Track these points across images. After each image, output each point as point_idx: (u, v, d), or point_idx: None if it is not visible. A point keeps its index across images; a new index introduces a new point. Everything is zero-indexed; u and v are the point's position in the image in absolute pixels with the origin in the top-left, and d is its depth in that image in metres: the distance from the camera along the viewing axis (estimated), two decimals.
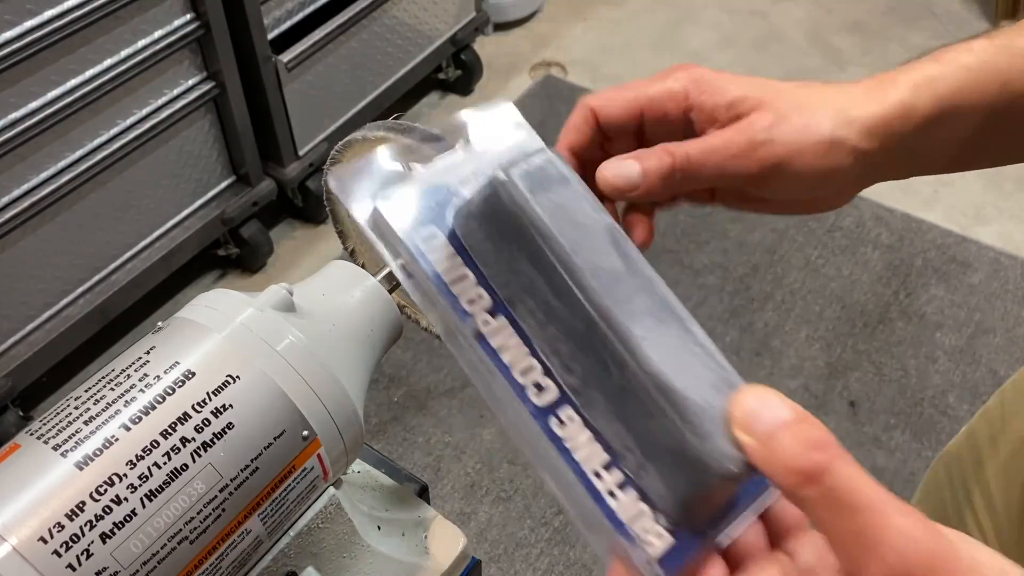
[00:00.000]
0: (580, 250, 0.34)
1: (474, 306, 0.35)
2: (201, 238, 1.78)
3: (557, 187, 0.36)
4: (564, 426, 0.34)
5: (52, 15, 1.37)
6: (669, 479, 0.33)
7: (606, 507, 0.33)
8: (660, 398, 0.33)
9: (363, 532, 0.54)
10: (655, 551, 0.32)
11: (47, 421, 0.42)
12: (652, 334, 0.34)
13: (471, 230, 0.36)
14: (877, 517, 0.27)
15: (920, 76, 0.46)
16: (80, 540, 0.39)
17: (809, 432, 0.29)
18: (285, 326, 0.47)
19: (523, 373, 0.35)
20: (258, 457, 0.44)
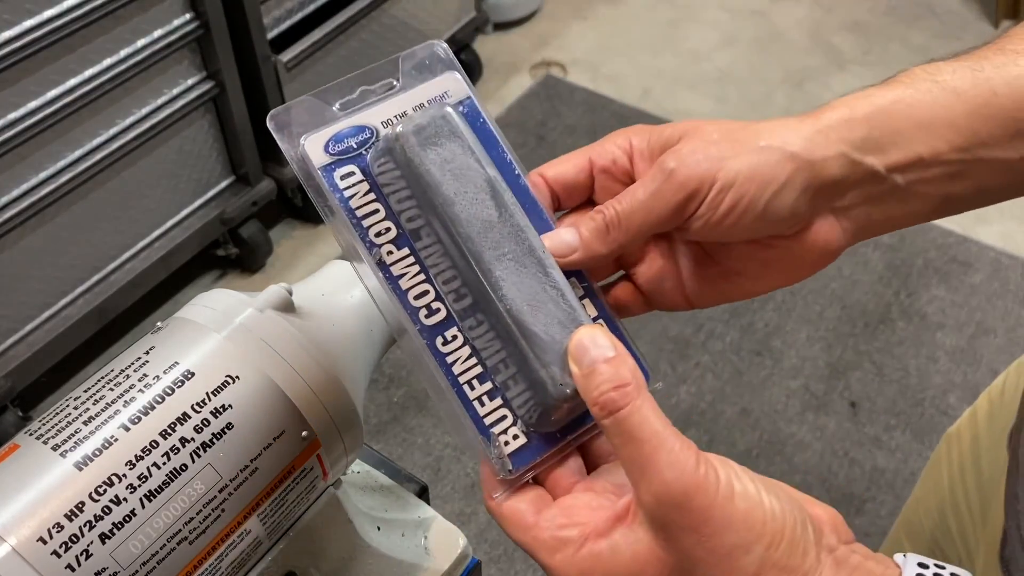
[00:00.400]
0: (459, 200, 0.41)
1: (380, 238, 0.41)
2: (201, 238, 1.78)
3: (447, 141, 0.42)
4: (447, 343, 0.41)
5: (51, 15, 1.37)
6: (525, 394, 0.40)
7: (473, 412, 0.41)
8: (515, 329, 0.40)
9: (363, 532, 0.54)
10: (507, 449, 0.40)
11: (46, 421, 0.42)
12: (512, 276, 0.40)
13: (382, 170, 0.42)
14: (649, 449, 0.34)
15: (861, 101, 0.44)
16: (79, 540, 0.39)
17: (618, 372, 0.36)
18: (285, 326, 0.47)
19: (416, 298, 0.41)
20: (258, 457, 0.44)
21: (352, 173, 0.42)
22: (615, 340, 0.37)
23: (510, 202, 0.42)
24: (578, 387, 0.37)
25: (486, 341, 0.41)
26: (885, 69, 2.50)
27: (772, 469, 1.64)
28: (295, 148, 0.42)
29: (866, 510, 1.59)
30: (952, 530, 0.75)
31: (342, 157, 0.42)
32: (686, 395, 1.75)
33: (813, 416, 1.72)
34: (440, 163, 0.41)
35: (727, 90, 2.43)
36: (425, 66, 0.45)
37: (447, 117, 0.42)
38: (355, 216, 0.41)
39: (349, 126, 0.42)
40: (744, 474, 0.35)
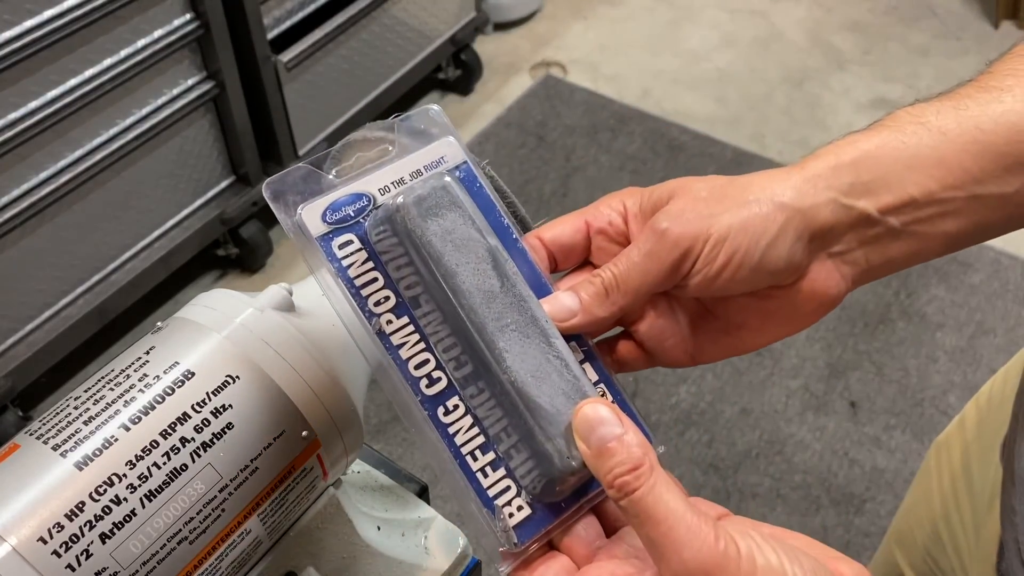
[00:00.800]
0: (461, 271, 0.40)
1: (380, 307, 0.41)
2: (201, 238, 1.78)
3: (447, 212, 0.41)
4: (449, 413, 0.41)
5: (52, 15, 1.37)
6: (528, 463, 0.40)
7: (477, 484, 0.40)
8: (519, 401, 0.39)
9: (363, 532, 0.54)
10: (512, 521, 0.39)
11: (47, 421, 0.42)
12: (516, 347, 0.40)
13: (380, 239, 0.41)
14: (666, 528, 0.34)
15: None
16: (80, 540, 0.39)
17: (631, 453, 0.35)
18: (285, 326, 0.47)
19: (417, 367, 0.41)
20: (258, 457, 0.44)
21: (350, 242, 0.41)
22: (620, 413, 0.37)
23: (512, 272, 0.41)
24: (589, 466, 0.36)
25: (487, 409, 0.40)
26: (885, 69, 2.49)
27: (772, 469, 1.65)
28: (292, 218, 0.41)
29: (866, 510, 1.59)
30: (944, 541, 0.74)
31: (340, 226, 0.41)
32: (686, 395, 1.75)
33: (813, 416, 1.72)
34: (441, 234, 0.41)
35: (727, 90, 2.43)
36: (420, 131, 0.45)
37: (447, 187, 0.42)
38: (354, 286, 0.41)
39: (346, 194, 0.42)
40: (765, 543, 0.35)
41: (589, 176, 2.18)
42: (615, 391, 0.43)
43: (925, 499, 0.78)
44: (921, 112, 0.44)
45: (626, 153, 2.24)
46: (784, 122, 2.35)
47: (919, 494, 0.80)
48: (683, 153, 2.24)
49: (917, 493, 0.81)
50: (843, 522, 1.57)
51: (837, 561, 0.37)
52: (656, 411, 1.73)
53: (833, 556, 0.37)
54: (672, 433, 1.69)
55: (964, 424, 0.75)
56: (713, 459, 1.66)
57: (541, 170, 2.19)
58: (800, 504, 1.60)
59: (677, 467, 1.65)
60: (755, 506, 1.60)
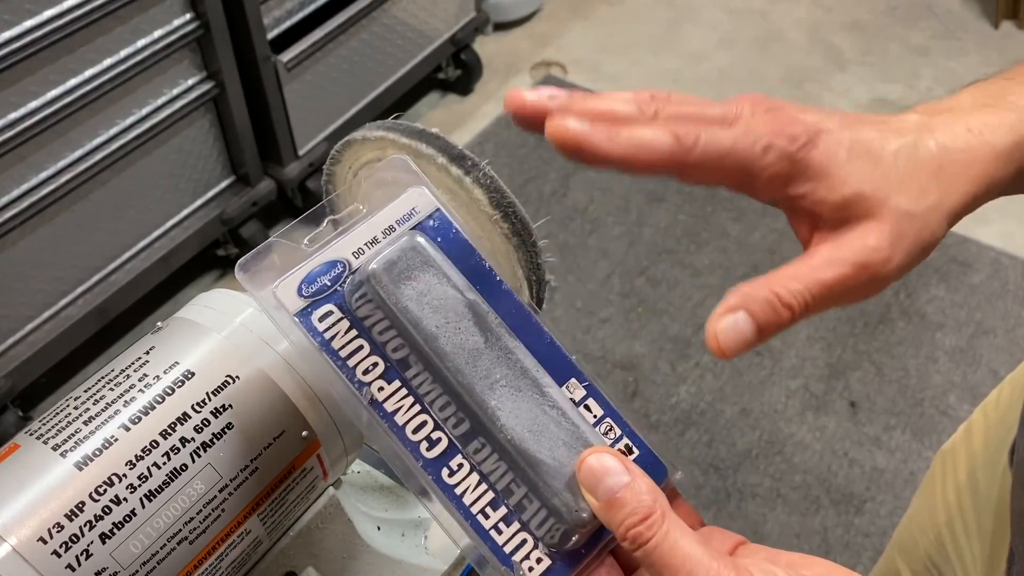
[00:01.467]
0: (441, 333, 0.40)
1: (368, 375, 0.40)
2: (201, 238, 1.78)
3: (420, 273, 0.40)
4: (454, 473, 0.39)
5: (51, 15, 1.37)
6: (542, 512, 0.39)
7: (491, 541, 0.39)
8: (519, 459, 0.38)
9: (363, 532, 0.54)
10: (533, 574, 0.38)
11: (46, 421, 0.42)
12: (508, 403, 0.39)
13: (359, 306, 0.40)
14: (684, 574, 0.33)
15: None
16: (80, 540, 0.39)
17: (640, 502, 0.34)
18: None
19: (415, 431, 0.39)
20: (257, 457, 0.44)
21: (330, 313, 0.40)
22: (625, 460, 0.36)
23: (495, 324, 0.40)
24: (599, 517, 0.36)
25: (492, 464, 0.39)
26: (884, 69, 2.49)
27: (772, 469, 1.65)
28: (267, 298, 0.40)
29: (866, 510, 1.59)
30: (948, 549, 0.74)
31: (317, 298, 0.40)
32: (686, 395, 1.75)
33: (813, 416, 1.72)
34: (416, 298, 0.40)
35: (727, 90, 2.43)
36: (389, 184, 0.44)
37: (417, 248, 0.41)
38: (339, 357, 0.39)
39: (319, 264, 0.41)
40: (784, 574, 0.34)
41: (589, 176, 2.18)
42: (622, 423, 0.42)
43: (929, 508, 0.78)
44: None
45: None
46: None
47: (923, 503, 0.80)
48: None
49: (921, 502, 0.80)
50: (843, 522, 1.57)
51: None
52: (656, 411, 1.73)
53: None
54: (672, 433, 1.69)
55: (971, 432, 0.75)
56: (713, 459, 1.66)
57: (541, 170, 2.19)
58: (800, 504, 1.60)
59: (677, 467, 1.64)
60: (755, 506, 1.60)
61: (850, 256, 0.38)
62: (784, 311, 0.38)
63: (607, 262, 1.99)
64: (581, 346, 1.81)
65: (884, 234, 0.38)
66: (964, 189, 0.40)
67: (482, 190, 0.51)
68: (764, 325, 0.38)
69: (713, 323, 0.38)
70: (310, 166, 1.92)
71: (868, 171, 0.38)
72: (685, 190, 2.15)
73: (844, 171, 0.38)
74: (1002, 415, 0.71)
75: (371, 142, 0.49)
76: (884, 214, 0.38)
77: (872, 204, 0.38)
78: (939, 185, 0.39)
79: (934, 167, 0.39)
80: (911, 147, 0.39)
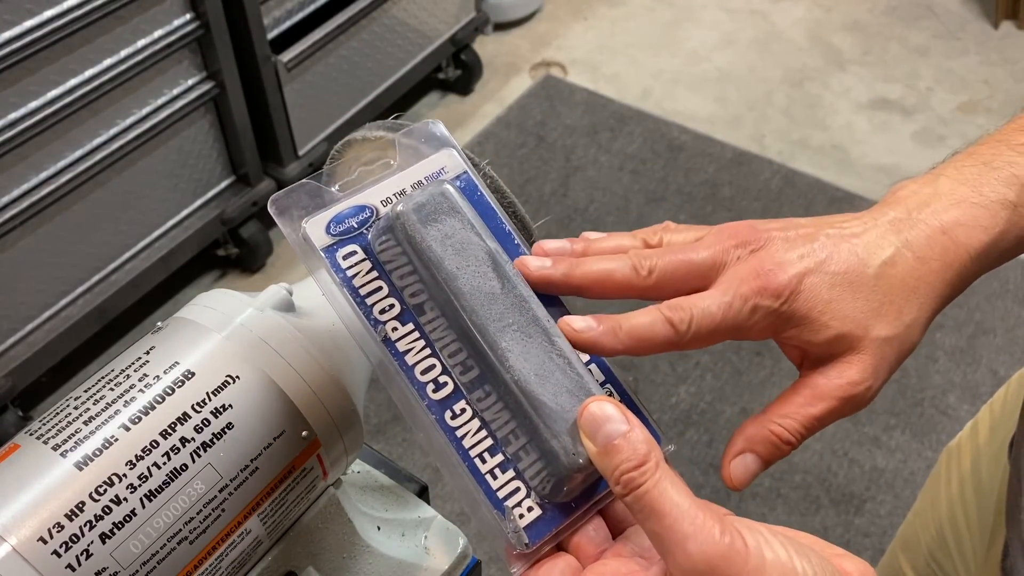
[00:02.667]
0: (461, 274, 0.41)
1: (385, 315, 0.42)
2: (201, 238, 1.78)
3: (446, 217, 0.42)
4: (456, 417, 0.41)
5: (52, 15, 1.37)
6: (537, 464, 0.40)
7: (487, 486, 0.40)
8: (523, 400, 0.39)
9: (363, 532, 0.54)
10: (522, 522, 0.39)
11: (47, 421, 0.42)
12: (518, 346, 0.40)
13: (384, 249, 0.42)
14: (670, 522, 0.34)
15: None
16: (80, 540, 0.39)
17: (636, 450, 0.35)
18: (285, 326, 0.47)
19: (423, 372, 0.41)
20: (258, 457, 0.44)
21: (354, 252, 0.42)
22: (626, 410, 0.37)
23: (512, 273, 0.42)
24: (595, 463, 0.37)
25: (495, 412, 0.41)
26: (884, 69, 2.49)
27: (772, 469, 1.65)
28: (297, 232, 0.42)
29: (866, 510, 1.59)
30: (950, 544, 0.74)
31: (344, 237, 0.42)
32: (686, 395, 1.75)
33: None
34: (441, 239, 0.41)
35: (727, 90, 2.43)
36: (422, 144, 0.46)
37: (446, 193, 0.43)
38: (358, 295, 0.42)
39: (349, 206, 0.43)
40: (773, 537, 0.35)
41: (589, 176, 2.18)
42: (622, 390, 0.44)
43: (932, 504, 0.78)
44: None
45: (626, 153, 2.24)
46: (784, 122, 2.35)
47: (927, 499, 0.80)
48: (683, 153, 2.24)
49: (925, 499, 0.81)
50: (843, 522, 1.57)
51: (841, 559, 0.37)
52: (656, 411, 1.73)
53: (838, 553, 0.37)
54: (672, 433, 1.69)
55: (976, 429, 0.75)
56: (713, 459, 1.66)
57: (541, 170, 2.19)
58: (800, 504, 1.60)
59: (677, 467, 1.64)
60: (755, 506, 1.60)
61: (835, 392, 0.42)
62: (784, 446, 0.43)
63: None
64: None
65: (866, 366, 0.42)
66: (940, 294, 0.44)
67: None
68: (769, 460, 0.43)
69: (726, 466, 0.43)
70: (310, 166, 1.92)
71: (849, 307, 0.42)
72: (685, 190, 2.15)
73: (827, 316, 0.42)
74: (1008, 411, 0.71)
75: (371, 142, 0.49)
76: (865, 346, 0.42)
77: (854, 340, 0.42)
78: (916, 301, 0.43)
79: (912, 284, 0.43)
80: (889, 265, 0.43)
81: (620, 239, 0.45)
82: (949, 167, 0.47)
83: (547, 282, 0.42)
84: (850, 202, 2.11)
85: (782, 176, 2.18)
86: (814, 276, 0.42)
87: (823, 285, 0.42)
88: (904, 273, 0.43)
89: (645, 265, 0.42)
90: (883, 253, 0.43)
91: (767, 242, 0.43)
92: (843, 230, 0.44)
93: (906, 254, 0.43)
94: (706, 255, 0.43)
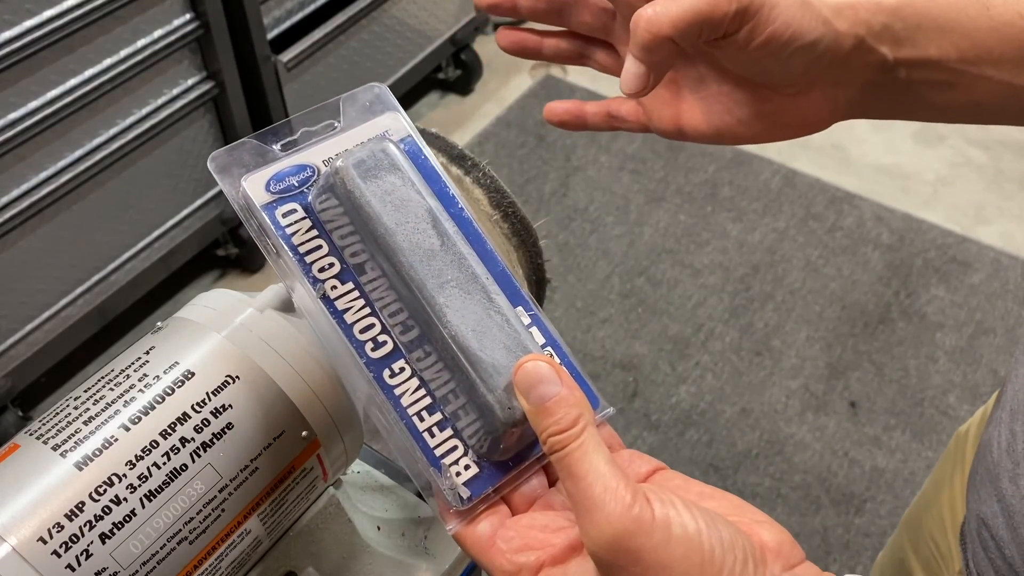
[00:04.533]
0: (400, 230, 0.41)
1: (324, 273, 0.41)
2: (200, 238, 1.78)
3: (386, 174, 0.42)
4: (395, 376, 0.41)
5: (51, 15, 1.37)
6: (476, 423, 0.40)
7: (423, 443, 0.40)
8: (460, 356, 0.39)
9: (363, 532, 0.54)
10: (459, 480, 0.39)
11: (46, 421, 0.42)
12: (455, 302, 0.40)
13: (324, 207, 0.42)
14: (584, 486, 0.34)
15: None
16: (79, 540, 0.39)
17: (566, 412, 0.36)
18: (285, 326, 0.47)
19: (362, 331, 0.41)
20: (257, 457, 0.44)
21: (294, 211, 0.42)
22: (561, 370, 0.37)
23: (451, 231, 0.42)
24: (528, 418, 0.37)
25: (434, 372, 0.41)
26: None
27: (772, 469, 1.65)
28: (236, 189, 0.42)
29: (866, 510, 1.59)
30: (946, 523, 0.75)
31: (283, 195, 0.42)
32: (686, 395, 1.75)
33: (813, 416, 1.72)
34: (381, 195, 0.41)
35: None
36: (366, 108, 0.46)
37: (387, 150, 0.43)
38: (298, 252, 0.41)
39: (290, 165, 0.43)
40: (687, 510, 0.34)
41: (589, 176, 2.18)
42: (562, 353, 0.44)
43: (935, 486, 0.78)
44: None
45: (626, 153, 2.24)
46: None
47: (932, 483, 0.80)
48: (683, 153, 2.24)
49: (930, 483, 0.81)
50: (843, 522, 1.57)
51: (760, 526, 0.37)
52: (656, 411, 1.73)
53: (759, 520, 0.38)
54: (672, 433, 1.69)
55: (986, 414, 0.75)
56: (713, 459, 1.66)
57: (541, 170, 2.19)
58: (800, 504, 1.60)
59: (677, 467, 1.64)
60: (755, 506, 1.60)
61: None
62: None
63: (607, 262, 1.99)
64: (581, 346, 1.81)
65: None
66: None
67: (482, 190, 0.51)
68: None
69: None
70: None
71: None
72: (685, 190, 2.15)
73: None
74: None
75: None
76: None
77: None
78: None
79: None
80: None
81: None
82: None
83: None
84: (850, 202, 2.11)
85: (782, 176, 2.18)
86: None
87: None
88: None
89: None
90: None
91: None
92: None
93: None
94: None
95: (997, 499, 0.57)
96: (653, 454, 1.66)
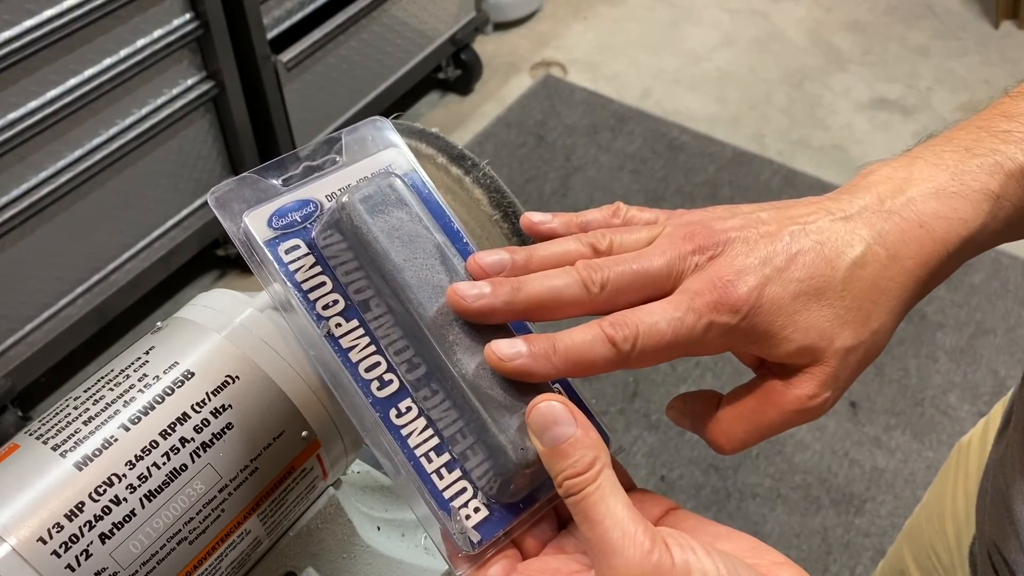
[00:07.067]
0: (408, 266, 0.40)
1: (328, 311, 0.41)
2: (200, 238, 1.78)
3: (394, 209, 0.41)
4: (402, 415, 0.40)
5: (51, 15, 1.37)
6: (485, 464, 0.39)
7: (432, 485, 0.39)
8: (470, 395, 0.38)
9: (363, 532, 0.54)
10: (469, 523, 0.38)
11: (46, 421, 0.42)
12: (465, 340, 0.39)
13: (328, 243, 0.41)
14: (602, 531, 0.34)
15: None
16: (79, 540, 0.39)
17: (582, 455, 0.35)
18: (285, 326, 0.47)
19: (368, 370, 0.40)
20: (257, 457, 0.44)
21: (297, 247, 0.41)
22: (576, 410, 0.36)
23: (460, 267, 0.41)
24: (542, 461, 0.36)
25: (442, 411, 0.40)
26: (885, 69, 2.49)
27: (772, 469, 1.64)
28: (238, 225, 0.41)
29: (866, 510, 1.59)
30: (949, 536, 0.75)
31: (286, 231, 0.41)
32: None
33: None
34: (388, 231, 0.40)
35: (727, 90, 2.43)
36: (369, 142, 0.45)
37: (393, 185, 0.42)
38: (301, 290, 0.41)
39: (293, 200, 0.42)
40: (706, 555, 0.34)
41: (589, 176, 2.18)
42: (568, 387, 0.43)
43: (938, 497, 0.78)
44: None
45: (626, 153, 2.24)
46: (784, 122, 2.35)
47: (934, 493, 0.80)
48: (683, 153, 2.24)
49: (933, 492, 0.81)
50: (843, 522, 1.57)
51: (780, 568, 0.36)
52: (656, 411, 1.73)
53: (777, 562, 0.36)
54: (672, 433, 1.69)
55: (988, 425, 0.75)
56: (713, 459, 1.66)
57: (541, 170, 2.19)
58: (800, 504, 1.60)
59: (677, 467, 1.65)
60: (755, 506, 1.60)
61: (791, 404, 0.40)
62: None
63: None
64: None
65: (827, 378, 0.40)
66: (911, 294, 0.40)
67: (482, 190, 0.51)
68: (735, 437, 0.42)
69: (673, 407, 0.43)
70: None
71: (813, 317, 0.39)
72: (685, 190, 2.15)
73: (788, 329, 0.39)
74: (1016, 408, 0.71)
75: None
76: (828, 357, 0.39)
77: (817, 352, 0.39)
78: (886, 305, 0.40)
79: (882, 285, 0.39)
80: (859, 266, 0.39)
81: (566, 244, 0.42)
82: (926, 150, 0.43)
83: (489, 312, 0.39)
84: None
85: (782, 176, 2.18)
86: (775, 285, 0.38)
87: (786, 295, 0.39)
88: (875, 274, 0.39)
89: (596, 279, 0.39)
90: (852, 252, 0.39)
91: (726, 246, 0.39)
92: (807, 225, 0.40)
93: (878, 252, 0.39)
94: (661, 264, 0.39)
95: (1009, 522, 0.57)
96: (653, 454, 1.66)
